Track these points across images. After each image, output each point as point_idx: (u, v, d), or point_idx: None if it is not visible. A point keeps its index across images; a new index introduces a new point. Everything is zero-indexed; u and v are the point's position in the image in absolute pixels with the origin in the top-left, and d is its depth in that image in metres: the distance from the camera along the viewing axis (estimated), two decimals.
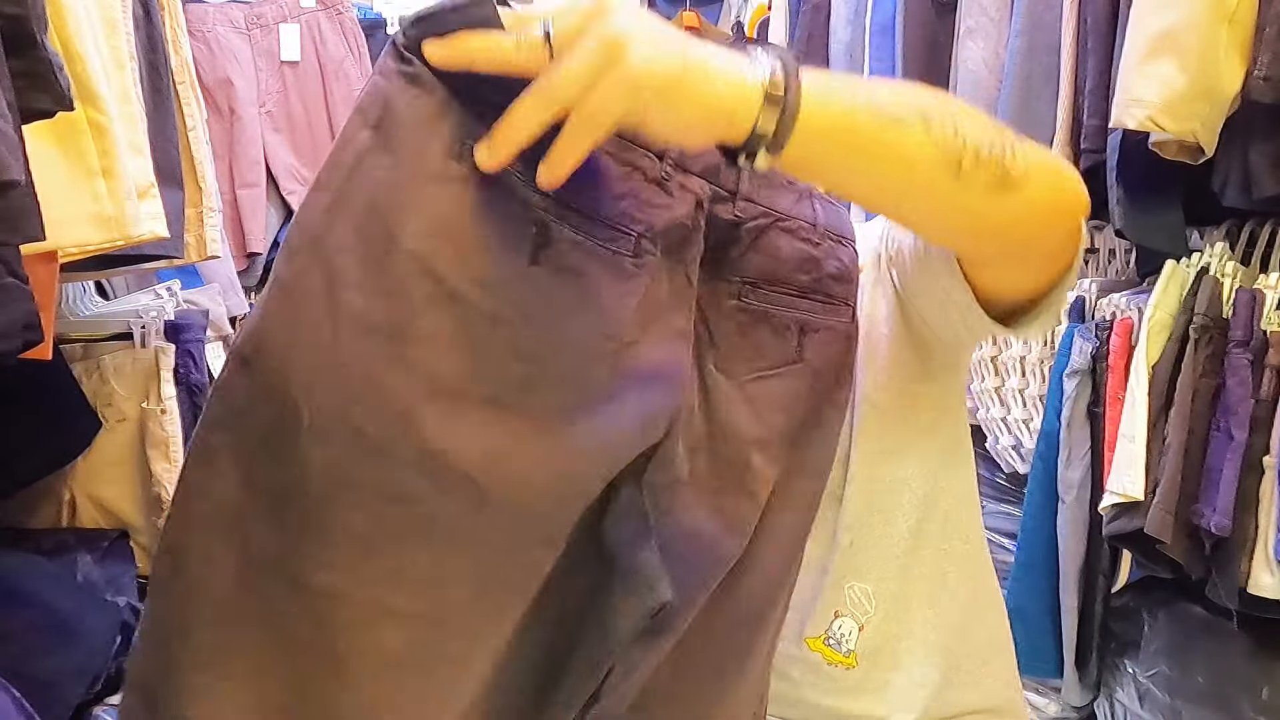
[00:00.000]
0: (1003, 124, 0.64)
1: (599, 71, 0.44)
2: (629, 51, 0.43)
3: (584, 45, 0.44)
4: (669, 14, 3.27)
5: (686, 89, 0.46)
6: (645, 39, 0.44)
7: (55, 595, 1.25)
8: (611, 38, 0.43)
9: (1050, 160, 0.65)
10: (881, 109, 0.53)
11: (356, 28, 2.25)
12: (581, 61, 0.44)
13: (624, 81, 0.44)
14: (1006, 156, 0.58)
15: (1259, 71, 1.21)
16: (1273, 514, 1.26)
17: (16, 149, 0.69)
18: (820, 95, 0.50)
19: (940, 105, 0.58)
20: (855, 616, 0.93)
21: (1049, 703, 1.68)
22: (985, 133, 0.58)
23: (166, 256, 1.34)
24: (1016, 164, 0.58)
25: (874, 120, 0.53)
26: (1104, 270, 1.72)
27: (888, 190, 0.60)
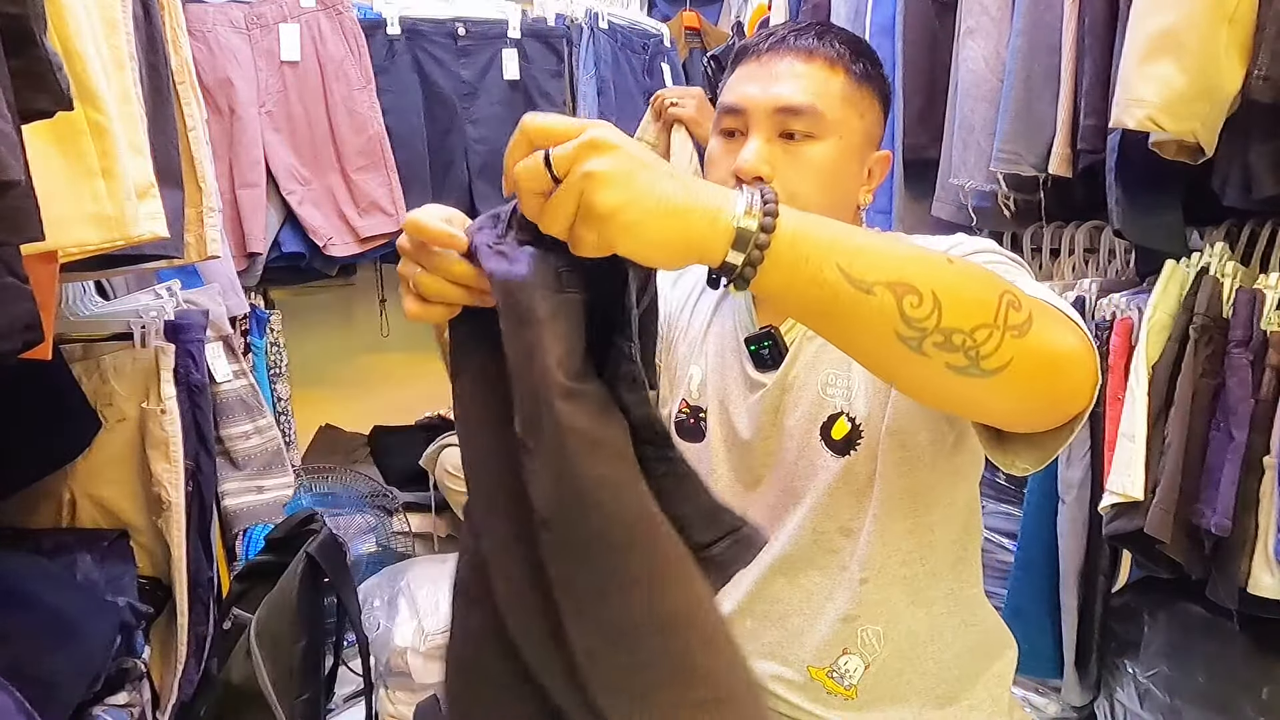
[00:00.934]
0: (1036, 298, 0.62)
1: (572, 213, 0.53)
2: (597, 192, 0.51)
3: (567, 183, 0.52)
4: (669, 14, 3.27)
5: (647, 228, 0.53)
6: (618, 178, 0.52)
7: (55, 595, 1.25)
8: (587, 178, 0.51)
9: (1054, 346, 0.62)
10: (853, 272, 0.55)
11: (356, 28, 2.25)
12: (560, 202, 0.53)
13: (588, 218, 0.52)
14: (985, 344, 0.57)
15: (1259, 71, 1.21)
16: (1273, 514, 1.26)
17: (16, 149, 0.69)
18: (792, 244, 0.54)
19: (932, 276, 0.57)
20: (863, 656, 0.94)
21: (1049, 703, 1.68)
22: (973, 315, 0.57)
23: (166, 256, 1.33)
24: (999, 352, 0.58)
25: (840, 282, 0.55)
26: (1104, 270, 1.72)
27: (850, 341, 0.62)
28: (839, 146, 0.89)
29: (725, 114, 0.92)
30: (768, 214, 0.54)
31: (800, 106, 0.87)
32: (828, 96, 0.89)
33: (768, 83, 0.89)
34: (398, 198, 2.27)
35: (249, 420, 1.79)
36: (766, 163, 0.87)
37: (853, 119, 0.91)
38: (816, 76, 0.89)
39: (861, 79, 0.91)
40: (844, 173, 0.91)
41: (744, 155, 0.88)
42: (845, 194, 0.93)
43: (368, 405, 2.76)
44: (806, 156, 0.88)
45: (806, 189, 0.88)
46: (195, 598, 1.51)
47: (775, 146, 0.88)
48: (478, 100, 2.44)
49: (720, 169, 0.91)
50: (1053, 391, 0.63)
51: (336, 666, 1.80)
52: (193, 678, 1.52)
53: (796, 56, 0.89)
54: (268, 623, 1.57)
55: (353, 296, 2.74)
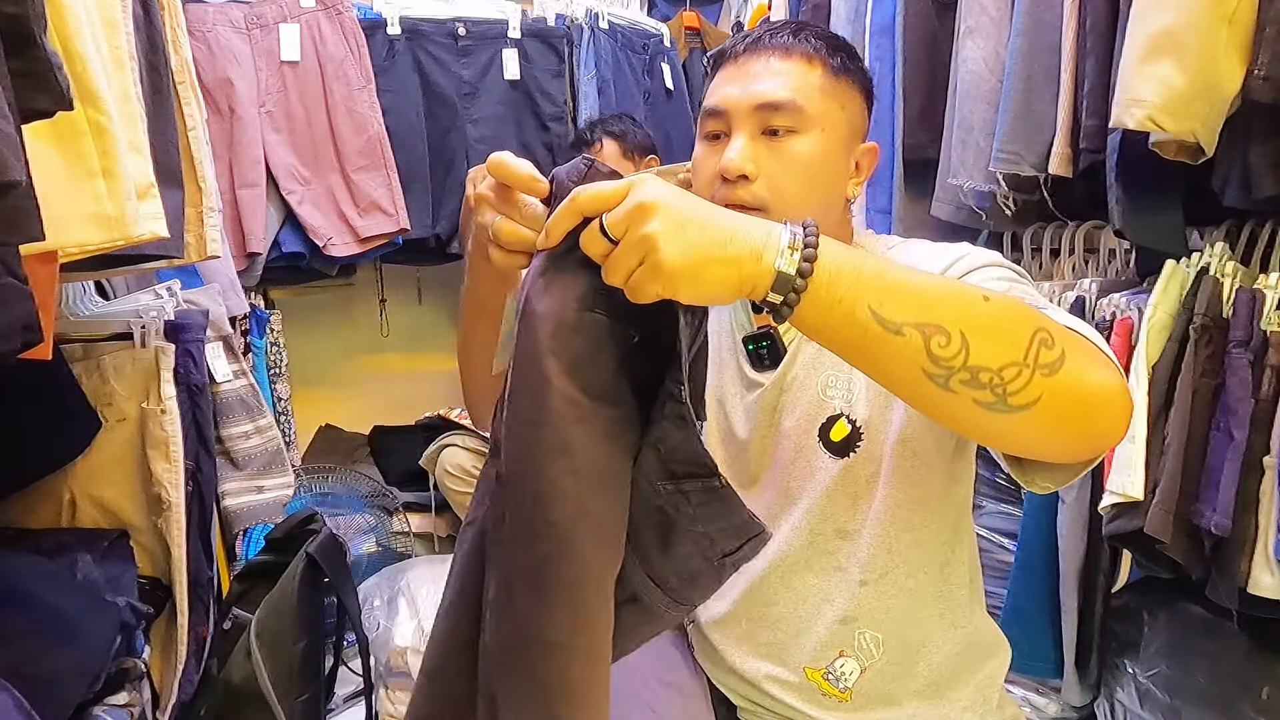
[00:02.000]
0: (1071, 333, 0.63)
1: (634, 267, 0.58)
2: (657, 251, 0.56)
3: (625, 244, 0.57)
4: (669, 14, 3.27)
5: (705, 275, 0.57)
6: (673, 235, 0.56)
7: (55, 595, 1.25)
8: (645, 239, 0.56)
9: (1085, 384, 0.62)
10: (883, 313, 0.58)
11: (356, 28, 2.25)
12: (621, 260, 0.58)
13: (653, 273, 0.57)
14: (1013, 381, 0.58)
15: (1259, 71, 1.21)
16: (1273, 514, 1.26)
17: (16, 149, 0.69)
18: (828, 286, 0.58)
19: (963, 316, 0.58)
20: (860, 659, 0.94)
21: (1049, 703, 1.68)
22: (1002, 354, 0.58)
23: (166, 256, 1.33)
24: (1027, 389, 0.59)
25: (870, 322, 0.58)
26: (1104, 270, 1.72)
27: (877, 375, 0.64)
28: (822, 140, 0.90)
29: (708, 117, 0.93)
30: (806, 258, 0.57)
31: (780, 102, 0.88)
32: (807, 90, 0.89)
33: (747, 82, 0.90)
34: (398, 198, 2.27)
35: (249, 420, 1.79)
36: (751, 160, 0.88)
37: (834, 111, 0.91)
38: (795, 71, 0.89)
39: (840, 71, 0.92)
40: (829, 166, 0.91)
41: (728, 155, 0.88)
42: (832, 187, 0.93)
43: (368, 405, 2.76)
44: (790, 151, 0.89)
45: (792, 184, 0.88)
46: (195, 598, 1.51)
47: (759, 144, 0.89)
48: (478, 100, 2.44)
49: (705, 170, 0.92)
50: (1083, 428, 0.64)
51: (336, 666, 1.80)
52: (193, 678, 1.52)
53: (773, 54, 0.90)
54: (268, 623, 1.57)
55: (353, 296, 2.74)
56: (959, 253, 0.87)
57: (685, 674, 1.04)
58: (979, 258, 0.85)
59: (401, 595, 2.06)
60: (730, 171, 0.88)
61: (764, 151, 0.89)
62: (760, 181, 0.88)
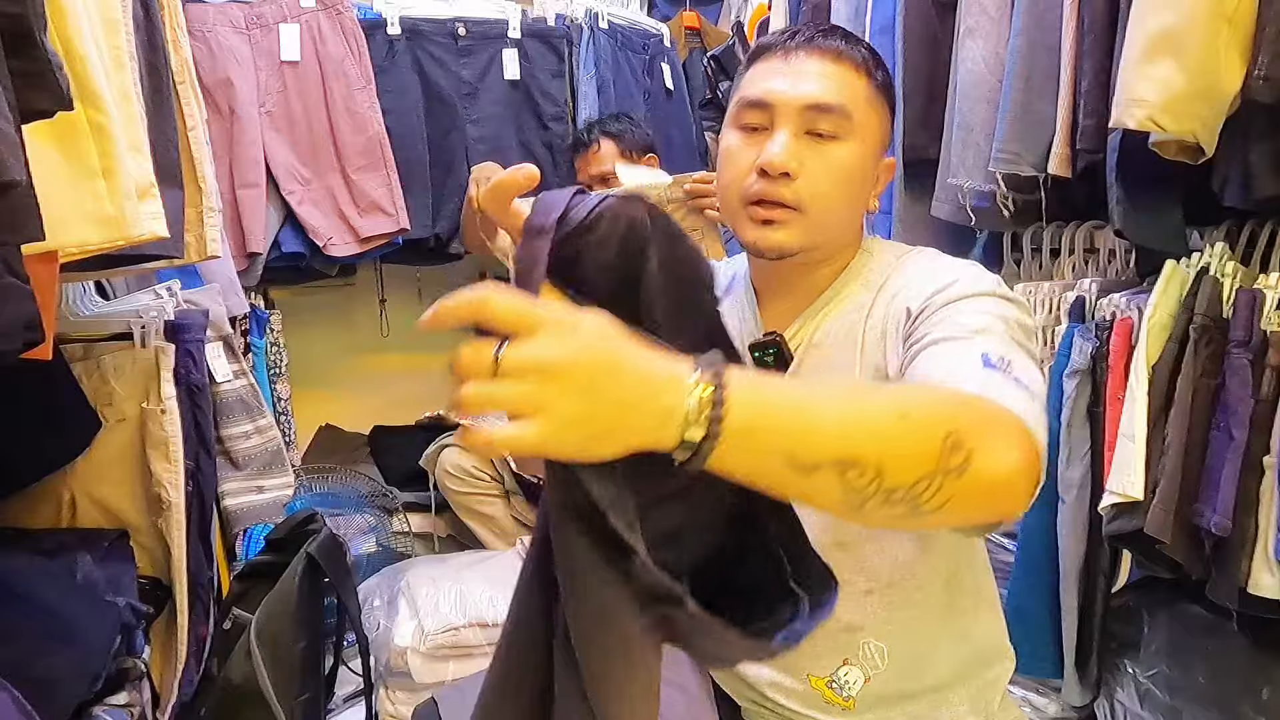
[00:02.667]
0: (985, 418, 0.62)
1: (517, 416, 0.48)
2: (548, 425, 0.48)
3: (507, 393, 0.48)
4: (669, 14, 3.26)
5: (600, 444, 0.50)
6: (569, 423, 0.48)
7: (55, 596, 1.25)
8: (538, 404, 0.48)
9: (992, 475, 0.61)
10: (798, 456, 0.54)
11: (356, 28, 2.25)
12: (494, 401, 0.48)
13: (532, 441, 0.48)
14: (924, 493, 0.57)
15: (1259, 71, 1.21)
16: (1273, 514, 1.26)
17: (17, 149, 0.69)
18: (738, 441, 0.52)
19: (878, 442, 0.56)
20: (864, 669, 0.93)
21: (1049, 703, 1.68)
22: (913, 470, 0.57)
23: (166, 256, 1.34)
24: (938, 495, 0.58)
25: (783, 469, 0.54)
26: (1104, 270, 1.71)
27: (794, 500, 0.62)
28: (861, 149, 0.90)
29: (748, 108, 0.91)
30: (715, 419, 0.51)
31: (831, 105, 0.88)
32: (855, 98, 0.89)
33: (795, 79, 0.88)
34: (397, 198, 2.27)
35: (249, 420, 1.79)
36: (795, 158, 0.87)
37: (873, 123, 0.91)
38: (845, 78, 0.89)
39: (881, 87, 0.92)
40: (863, 176, 0.92)
41: (772, 149, 0.87)
42: (861, 198, 0.93)
43: (368, 405, 2.76)
44: (833, 156, 0.88)
45: (830, 189, 0.88)
46: (195, 598, 1.51)
47: (801, 143, 0.88)
48: (478, 100, 2.44)
49: (740, 162, 0.90)
50: (989, 510, 0.64)
51: (336, 666, 1.80)
52: (193, 678, 1.52)
53: (824, 56, 0.89)
54: (268, 623, 1.57)
55: (353, 296, 2.74)
56: (952, 277, 0.86)
57: (688, 673, 1.04)
58: (968, 285, 0.84)
59: (401, 595, 2.06)
60: (774, 167, 0.86)
61: (807, 152, 0.88)
62: (801, 181, 0.87)
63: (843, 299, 0.94)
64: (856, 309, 0.93)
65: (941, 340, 0.78)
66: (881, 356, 0.89)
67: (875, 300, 0.92)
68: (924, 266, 0.92)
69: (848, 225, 0.94)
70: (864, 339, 0.91)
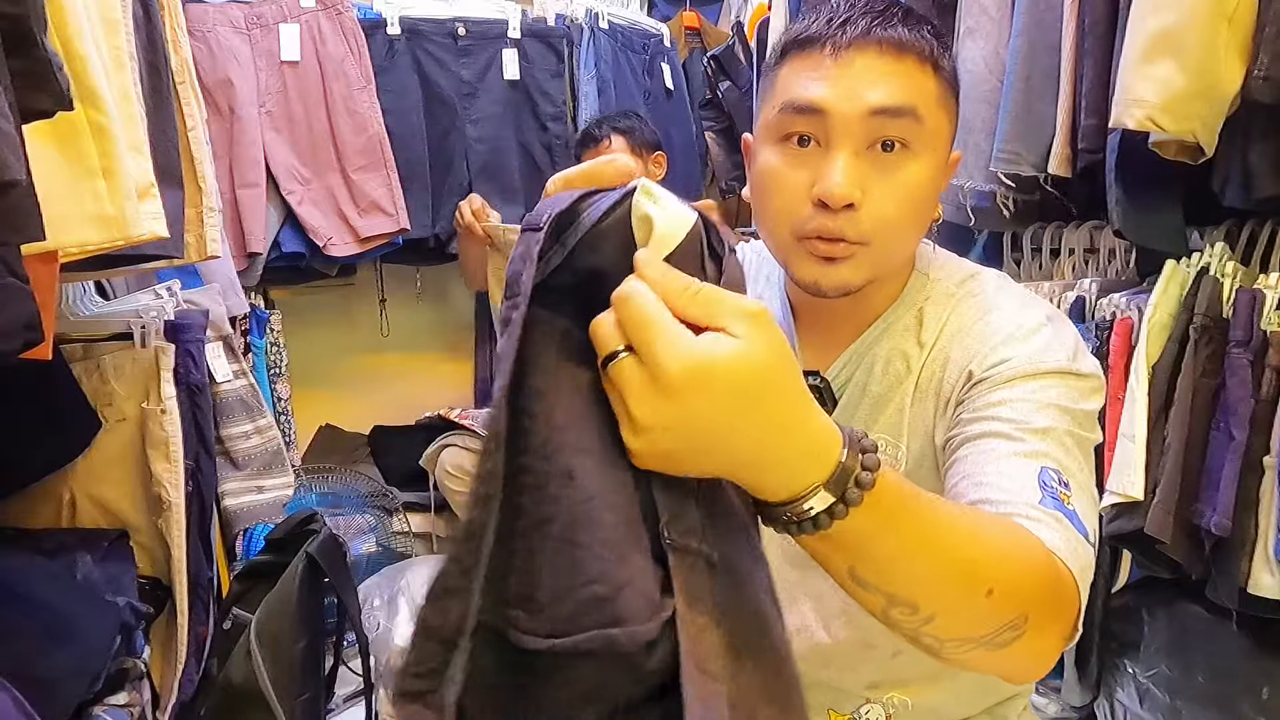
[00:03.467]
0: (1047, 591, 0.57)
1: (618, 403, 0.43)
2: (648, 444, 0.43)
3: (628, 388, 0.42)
4: (669, 14, 3.26)
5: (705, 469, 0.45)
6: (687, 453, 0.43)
7: (55, 596, 1.25)
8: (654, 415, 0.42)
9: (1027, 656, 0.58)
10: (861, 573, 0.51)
11: (356, 28, 2.25)
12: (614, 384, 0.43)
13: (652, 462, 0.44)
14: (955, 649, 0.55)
15: (1259, 71, 1.21)
16: (1273, 514, 1.26)
17: (17, 149, 0.69)
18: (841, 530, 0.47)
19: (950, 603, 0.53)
20: (886, 708, 0.90)
21: (1049, 703, 1.68)
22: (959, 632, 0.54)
23: (166, 256, 1.33)
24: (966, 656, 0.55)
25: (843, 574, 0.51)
26: (1104, 270, 1.71)
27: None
28: (933, 161, 0.76)
29: (794, 114, 0.75)
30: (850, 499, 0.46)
31: (901, 108, 0.73)
32: (926, 99, 0.75)
33: (853, 82, 0.73)
34: (397, 198, 2.27)
35: (249, 420, 1.79)
36: (858, 185, 0.73)
37: (945, 127, 0.78)
38: (911, 74, 0.74)
39: (950, 79, 0.78)
40: (933, 192, 0.78)
41: (833, 179, 0.72)
42: (929, 214, 0.80)
43: (368, 405, 2.76)
44: (902, 175, 0.74)
45: (898, 215, 0.75)
46: (195, 598, 1.51)
47: (864, 162, 0.74)
48: (478, 100, 2.44)
49: (791, 190, 0.76)
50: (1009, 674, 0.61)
51: (336, 666, 1.80)
52: (193, 678, 1.52)
53: (884, 52, 0.74)
54: (268, 623, 1.56)
55: (353, 296, 2.74)
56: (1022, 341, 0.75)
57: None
58: (1039, 357, 0.74)
59: (401, 595, 2.06)
60: (836, 199, 0.72)
61: (870, 173, 0.74)
62: (865, 211, 0.73)
63: (892, 335, 0.83)
64: (902, 358, 0.82)
65: (998, 436, 0.70)
66: (930, 420, 0.80)
67: (929, 355, 0.81)
68: (991, 319, 0.79)
69: (912, 246, 0.83)
70: (912, 399, 0.81)
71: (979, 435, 0.71)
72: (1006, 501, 0.64)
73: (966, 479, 0.68)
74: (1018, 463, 0.67)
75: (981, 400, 0.74)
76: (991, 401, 0.73)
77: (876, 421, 0.82)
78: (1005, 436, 0.70)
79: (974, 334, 0.78)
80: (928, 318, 0.82)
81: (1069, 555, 0.61)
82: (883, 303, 0.84)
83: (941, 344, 0.80)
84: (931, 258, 0.86)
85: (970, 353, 0.77)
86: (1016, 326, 0.77)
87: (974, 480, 0.68)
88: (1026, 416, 0.70)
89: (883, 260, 0.77)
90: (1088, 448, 0.72)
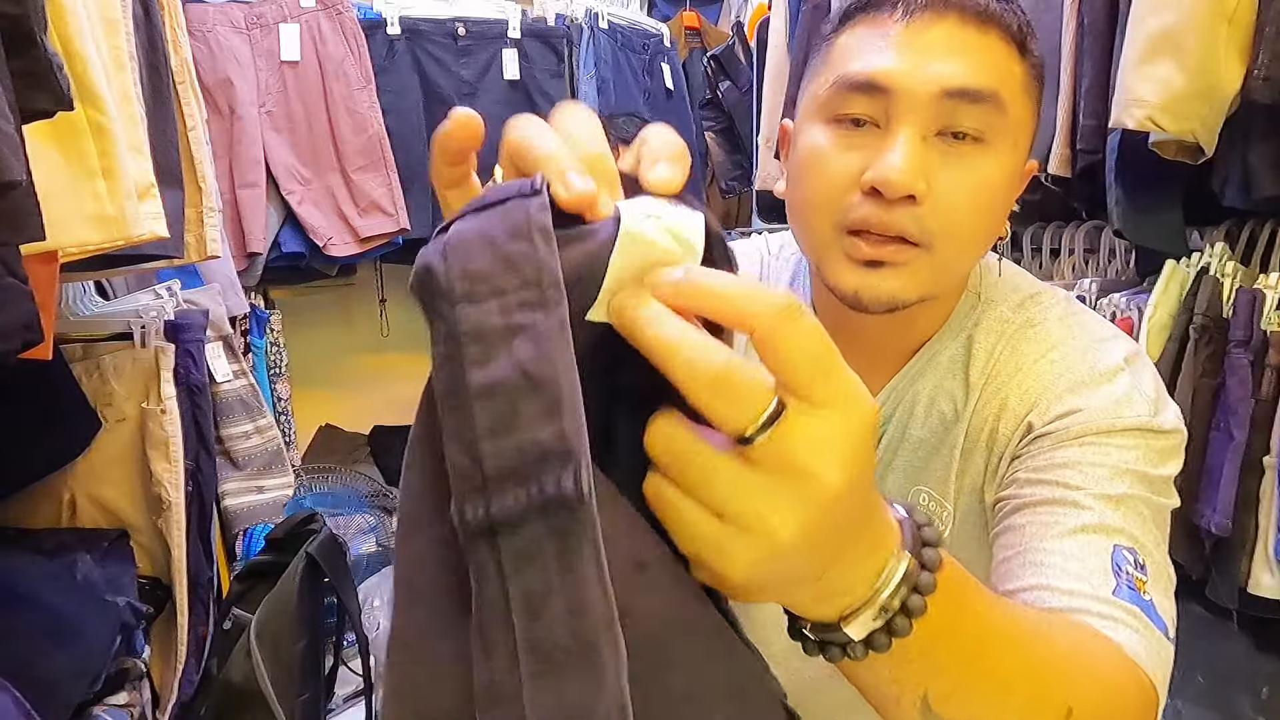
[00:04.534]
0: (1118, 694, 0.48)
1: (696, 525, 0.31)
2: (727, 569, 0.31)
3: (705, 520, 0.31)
4: (669, 14, 3.26)
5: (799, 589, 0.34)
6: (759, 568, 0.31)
7: (55, 596, 1.25)
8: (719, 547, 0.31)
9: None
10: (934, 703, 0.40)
11: (356, 28, 2.25)
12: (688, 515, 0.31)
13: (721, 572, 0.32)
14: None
15: (1259, 71, 1.21)
16: (1273, 514, 1.26)
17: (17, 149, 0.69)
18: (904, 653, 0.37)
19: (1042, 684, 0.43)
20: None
21: None
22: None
23: (166, 256, 1.34)
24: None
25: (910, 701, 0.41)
26: (1104, 270, 1.72)
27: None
28: (1013, 157, 0.63)
29: (850, 92, 0.61)
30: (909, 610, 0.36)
31: (980, 91, 0.59)
32: (1010, 81, 0.61)
33: (926, 54, 0.60)
34: (397, 198, 2.27)
35: (249, 420, 1.79)
36: (923, 176, 0.59)
37: (1028, 118, 0.64)
38: (994, 52, 0.61)
39: (1037, 65, 0.64)
40: (1007, 194, 0.65)
41: (891, 160, 0.58)
42: (1000, 223, 0.66)
43: (368, 405, 2.76)
44: (975, 171, 0.61)
45: (966, 218, 0.61)
46: (195, 598, 1.51)
47: (931, 148, 0.60)
48: (478, 100, 2.44)
49: (838, 172, 0.61)
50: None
51: (336, 666, 1.80)
52: (193, 678, 1.52)
53: (967, 20, 0.60)
54: (268, 623, 1.56)
55: (353, 296, 2.74)
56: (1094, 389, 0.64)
57: None
58: (1112, 411, 0.63)
59: None
60: (894, 188, 0.58)
61: (938, 163, 0.60)
62: (929, 205, 0.60)
63: (937, 369, 0.71)
64: (949, 398, 0.70)
65: (1063, 505, 0.59)
66: (980, 475, 0.68)
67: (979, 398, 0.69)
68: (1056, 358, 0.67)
69: (976, 260, 0.68)
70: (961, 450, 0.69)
71: (1039, 502, 0.60)
72: (1072, 592, 0.54)
73: (1021, 555, 0.58)
74: (1085, 540, 0.57)
75: (1044, 459, 0.62)
76: (1056, 462, 0.61)
77: (921, 473, 0.71)
78: (1072, 505, 0.59)
79: (1034, 375, 0.66)
80: (977, 349, 0.69)
81: (1150, 661, 0.52)
82: (929, 325, 0.70)
83: (996, 385, 0.68)
84: (987, 272, 0.72)
85: (1031, 398, 0.65)
86: (1089, 370, 0.65)
87: (1030, 559, 0.57)
88: (1098, 483, 0.59)
89: (942, 274, 0.63)
90: (1164, 518, 0.62)
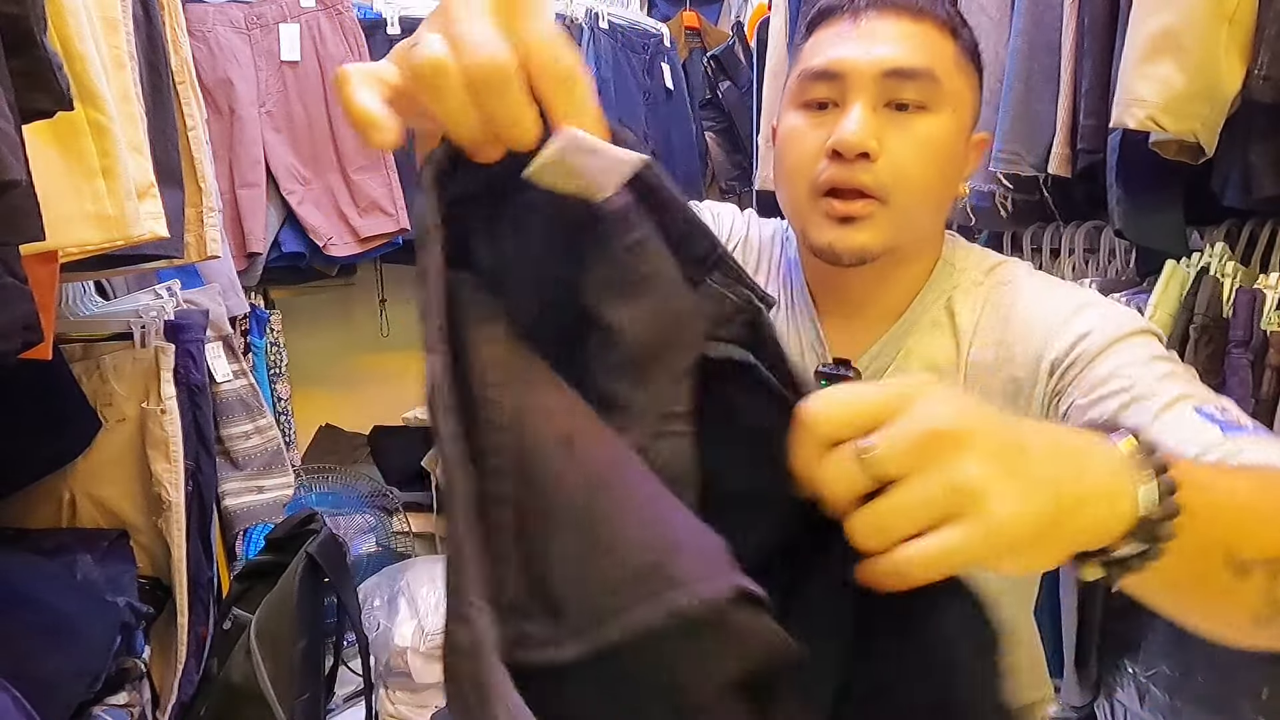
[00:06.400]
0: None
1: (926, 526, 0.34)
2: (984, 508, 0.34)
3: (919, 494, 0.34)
4: (669, 14, 3.26)
5: (1050, 540, 0.38)
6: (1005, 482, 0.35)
7: (55, 596, 1.25)
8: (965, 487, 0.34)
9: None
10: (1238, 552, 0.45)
11: (356, 28, 2.25)
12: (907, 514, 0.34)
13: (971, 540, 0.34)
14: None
15: (1259, 71, 1.21)
16: None
17: (17, 149, 0.69)
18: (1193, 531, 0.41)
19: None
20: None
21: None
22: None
23: (166, 256, 1.34)
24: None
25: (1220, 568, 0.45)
26: (1104, 270, 1.71)
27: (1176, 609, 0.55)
28: (953, 122, 0.76)
29: (813, 80, 0.77)
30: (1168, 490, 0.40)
31: (915, 69, 0.74)
32: (943, 61, 0.76)
33: (870, 43, 0.75)
34: (398, 198, 2.27)
35: (249, 420, 1.79)
36: (874, 136, 0.73)
37: (965, 91, 0.78)
38: (929, 37, 0.76)
39: (969, 48, 0.79)
40: (956, 154, 0.78)
41: (846, 126, 0.73)
42: (952, 181, 0.79)
43: (368, 405, 2.76)
44: (920, 130, 0.74)
45: (918, 170, 0.74)
46: (195, 598, 1.51)
47: (881, 117, 0.74)
48: None
49: (808, 144, 0.76)
50: None
51: (336, 666, 1.80)
52: (193, 678, 1.52)
53: (902, 15, 0.76)
54: (268, 623, 1.57)
55: (353, 296, 2.74)
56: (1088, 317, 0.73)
57: None
58: (1118, 322, 0.72)
59: (401, 595, 2.06)
60: (849, 147, 0.72)
61: (887, 126, 0.74)
62: (883, 162, 0.73)
63: (924, 327, 0.81)
64: (941, 351, 0.80)
65: (1132, 403, 0.65)
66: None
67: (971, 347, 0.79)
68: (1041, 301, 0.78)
69: (935, 217, 0.81)
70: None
71: (1112, 414, 0.66)
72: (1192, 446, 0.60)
73: None
74: (1168, 417, 0.63)
75: (1085, 382, 0.70)
76: (1099, 378, 0.69)
77: None
78: (1138, 399, 0.65)
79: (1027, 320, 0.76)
80: (959, 307, 0.80)
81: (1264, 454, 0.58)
82: (909, 286, 0.82)
83: (985, 336, 0.78)
84: (954, 245, 0.85)
85: (1038, 340, 0.75)
86: (1075, 303, 0.75)
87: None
88: (1143, 376, 0.66)
89: (904, 223, 0.76)
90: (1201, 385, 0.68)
